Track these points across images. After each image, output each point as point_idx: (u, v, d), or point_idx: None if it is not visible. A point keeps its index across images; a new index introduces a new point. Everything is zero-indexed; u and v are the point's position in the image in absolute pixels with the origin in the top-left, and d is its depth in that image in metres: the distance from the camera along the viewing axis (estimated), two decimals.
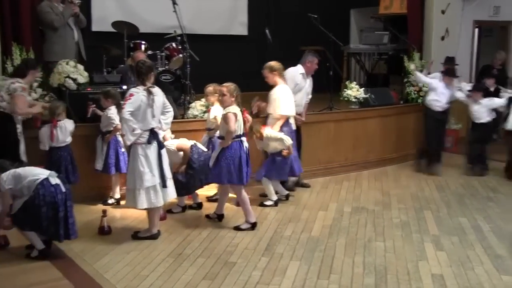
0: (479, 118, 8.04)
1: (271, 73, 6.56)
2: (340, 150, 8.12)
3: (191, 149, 5.97)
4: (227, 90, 5.54)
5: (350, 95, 8.40)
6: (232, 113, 5.47)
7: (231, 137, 5.48)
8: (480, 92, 8.09)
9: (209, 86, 6.47)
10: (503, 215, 6.22)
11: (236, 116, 5.49)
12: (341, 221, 6.00)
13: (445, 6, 9.73)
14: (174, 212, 6.16)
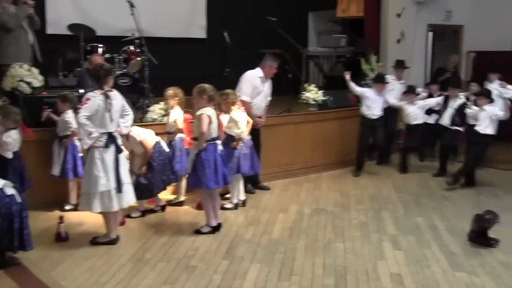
0: (415, 119, 8.32)
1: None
2: (299, 152, 8.18)
3: (154, 146, 5.93)
4: (199, 91, 5.51)
5: (309, 97, 8.48)
6: (206, 115, 5.45)
7: (204, 138, 5.46)
8: (413, 93, 8.38)
9: (168, 90, 6.43)
10: (458, 213, 6.39)
11: (210, 118, 5.48)
12: (301, 223, 6.05)
13: (400, 10, 9.93)
14: (133, 216, 6.10)
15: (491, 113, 7.32)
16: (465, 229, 5.61)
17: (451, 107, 7.97)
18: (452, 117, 7.93)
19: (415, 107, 8.34)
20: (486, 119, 7.31)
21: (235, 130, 6.22)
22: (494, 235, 5.40)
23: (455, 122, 7.89)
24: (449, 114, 7.99)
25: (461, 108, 7.80)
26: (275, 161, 7.86)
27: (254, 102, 6.92)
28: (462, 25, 11.24)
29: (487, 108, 7.34)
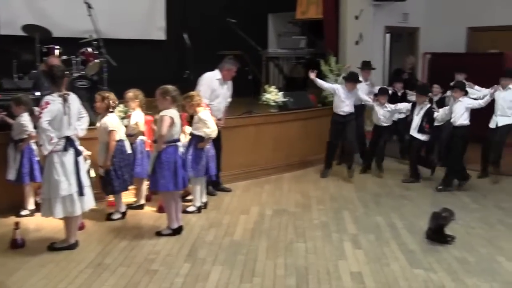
0: (385, 121, 8.32)
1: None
2: (260, 154, 8.21)
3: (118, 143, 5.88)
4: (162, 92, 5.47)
5: (269, 99, 8.51)
6: (169, 116, 5.41)
7: (162, 140, 5.42)
8: (385, 95, 8.34)
9: (129, 92, 6.36)
10: (415, 212, 6.51)
11: (173, 120, 5.44)
12: (262, 224, 6.06)
13: (358, 12, 10.08)
14: (114, 219, 6.05)
15: (466, 103, 7.37)
16: (423, 227, 5.73)
17: (418, 115, 7.82)
18: (420, 125, 7.79)
19: (386, 109, 8.27)
20: (461, 109, 7.36)
21: (204, 130, 6.18)
22: (450, 232, 5.53)
23: (424, 129, 7.78)
24: (416, 122, 7.83)
25: (428, 114, 7.77)
26: (236, 162, 7.86)
27: (213, 104, 6.90)
28: (418, 27, 11.50)
29: (463, 99, 7.41)
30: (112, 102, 5.92)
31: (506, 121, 7.95)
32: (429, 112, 7.78)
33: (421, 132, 7.81)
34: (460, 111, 7.40)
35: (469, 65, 10.12)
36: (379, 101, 8.31)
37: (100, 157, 5.91)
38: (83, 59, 8.28)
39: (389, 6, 10.50)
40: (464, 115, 7.40)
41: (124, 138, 6.03)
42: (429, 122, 7.78)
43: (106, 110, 5.89)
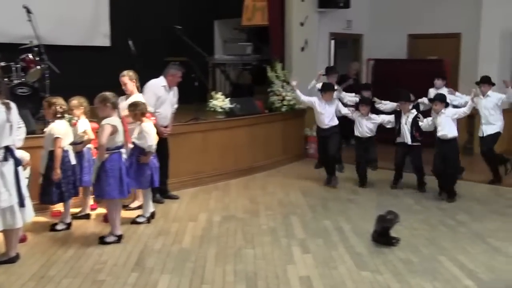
0: (370, 133, 7.96)
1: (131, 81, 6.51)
2: (208, 160, 8.19)
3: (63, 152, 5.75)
4: (101, 100, 5.41)
5: (216, 105, 8.51)
6: (111, 124, 5.32)
7: (103, 150, 5.34)
8: (367, 105, 7.97)
9: (73, 100, 6.23)
10: (362, 215, 6.65)
11: (115, 128, 5.35)
12: (211, 231, 6.05)
13: (304, 19, 10.22)
14: (58, 229, 5.90)
15: (451, 114, 7.22)
16: (369, 229, 5.85)
17: (406, 124, 7.64)
18: (411, 133, 7.61)
19: (372, 122, 7.94)
20: (447, 122, 7.20)
21: (146, 144, 6.08)
22: (395, 234, 5.68)
23: (415, 138, 7.60)
24: (407, 131, 7.64)
25: (416, 122, 7.58)
26: (184, 169, 7.82)
27: (159, 111, 6.85)
28: (362, 34, 11.77)
29: (445, 111, 7.24)
30: (60, 107, 5.79)
31: (490, 130, 7.90)
32: (416, 120, 7.59)
33: (414, 141, 7.62)
34: (447, 124, 7.19)
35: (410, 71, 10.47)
36: (361, 112, 7.94)
37: (42, 165, 5.76)
38: (23, 66, 8.03)
39: (333, 13, 10.71)
40: (452, 127, 7.21)
41: (68, 148, 5.89)
42: (418, 130, 7.58)
43: (54, 117, 5.77)
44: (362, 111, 7.95)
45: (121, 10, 10.81)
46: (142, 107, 6.13)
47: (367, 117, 7.94)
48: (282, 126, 9.40)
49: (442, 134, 7.23)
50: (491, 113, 7.88)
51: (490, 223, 6.38)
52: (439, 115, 7.27)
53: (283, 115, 9.39)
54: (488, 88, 7.89)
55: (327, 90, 7.87)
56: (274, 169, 9.14)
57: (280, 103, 9.41)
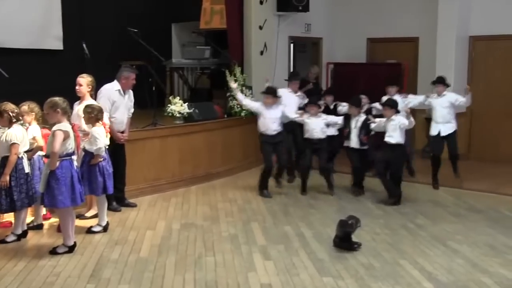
0: (319, 134, 7.99)
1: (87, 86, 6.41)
2: (166, 167, 8.13)
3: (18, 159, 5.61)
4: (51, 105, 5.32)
5: (174, 110, 8.46)
6: (63, 130, 5.22)
7: (56, 157, 5.24)
8: (316, 106, 8.00)
9: (23, 105, 6.09)
10: (323, 220, 6.71)
11: (67, 134, 5.26)
12: (170, 239, 6.01)
13: (263, 22, 10.27)
14: (8, 241, 5.73)
15: (399, 123, 7.36)
16: (331, 235, 5.92)
17: (355, 127, 7.81)
18: (358, 137, 7.77)
19: (319, 121, 7.96)
20: (395, 129, 7.37)
21: (94, 147, 5.98)
22: (356, 239, 5.75)
23: (362, 141, 7.77)
24: (355, 135, 7.81)
25: (365, 125, 7.74)
26: (141, 176, 7.74)
27: (115, 116, 6.76)
28: (321, 38, 11.90)
29: (395, 118, 7.40)
30: (11, 112, 5.65)
31: (450, 129, 8.18)
32: (365, 124, 7.73)
33: (361, 144, 7.79)
34: (394, 131, 7.38)
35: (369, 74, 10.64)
36: (310, 112, 7.95)
37: None
38: None
39: (292, 16, 10.80)
40: (398, 134, 7.37)
41: (24, 156, 5.75)
42: (367, 133, 7.76)
43: (10, 123, 5.62)
44: (312, 111, 7.94)
45: (74, 12, 10.63)
46: (98, 113, 6.01)
47: (316, 116, 7.96)
48: (241, 131, 9.41)
49: (388, 140, 7.45)
50: (447, 111, 8.18)
51: (449, 225, 6.53)
52: (388, 121, 7.46)
53: (243, 120, 9.40)
54: (443, 88, 8.20)
55: (268, 94, 7.81)
56: (234, 175, 9.14)
57: (239, 107, 9.41)
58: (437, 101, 8.23)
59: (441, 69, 10.02)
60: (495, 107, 10.25)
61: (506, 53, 10.13)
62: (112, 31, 10.66)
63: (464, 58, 10.42)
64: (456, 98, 8.17)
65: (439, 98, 8.22)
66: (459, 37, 10.17)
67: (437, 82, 8.25)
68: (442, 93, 8.19)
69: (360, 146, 7.83)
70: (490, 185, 8.41)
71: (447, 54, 10.13)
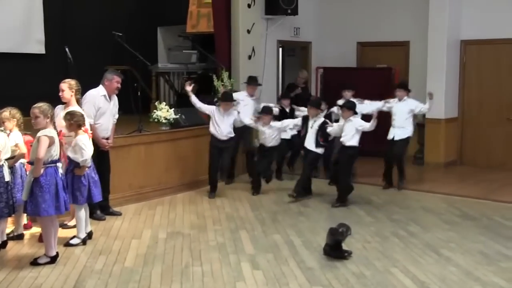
0: (272, 142, 8.35)
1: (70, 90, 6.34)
2: (152, 174, 8.10)
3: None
4: (39, 111, 5.27)
5: (160, 116, 8.44)
6: (48, 136, 5.19)
7: (41, 164, 5.21)
8: (269, 114, 8.30)
9: (4, 111, 6.05)
10: (313, 228, 6.72)
11: (52, 140, 5.21)
12: (156, 248, 5.98)
13: (250, 26, 10.29)
14: None
15: (357, 124, 7.58)
16: (321, 243, 5.92)
17: (312, 128, 7.95)
18: (315, 138, 7.92)
19: (272, 129, 8.30)
20: (351, 130, 7.58)
21: (80, 158, 5.92)
22: (347, 247, 5.75)
23: (319, 143, 7.91)
24: (311, 135, 7.95)
25: (323, 128, 7.89)
26: (126, 184, 7.71)
27: (100, 122, 6.73)
28: (310, 42, 11.93)
29: (353, 119, 7.64)
30: None
31: (403, 134, 8.41)
32: (323, 126, 7.92)
33: (317, 146, 7.95)
34: (350, 132, 7.61)
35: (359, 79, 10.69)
36: (263, 121, 8.29)
37: None
38: None
39: (281, 20, 10.82)
40: (354, 136, 7.61)
41: (4, 164, 5.70)
42: (323, 135, 7.92)
43: None
44: (265, 120, 8.27)
45: (57, 15, 10.59)
46: (79, 118, 5.95)
47: (269, 125, 8.28)
48: None
49: (343, 140, 7.68)
50: (405, 117, 8.42)
51: (442, 233, 6.55)
52: (346, 121, 7.68)
53: None
54: (404, 93, 8.48)
55: (226, 100, 8.15)
56: (222, 182, 9.11)
57: None
58: (397, 106, 8.48)
59: (432, 73, 10.11)
60: (487, 112, 10.32)
61: (497, 58, 10.21)
62: (96, 35, 10.62)
63: (455, 62, 10.49)
64: (417, 105, 8.46)
65: (399, 103, 8.46)
66: (450, 41, 10.24)
67: (398, 87, 8.51)
68: (403, 98, 8.42)
69: (315, 148, 7.96)
70: (483, 192, 8.46)
71: (438, 59, 10.20)
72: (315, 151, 7.99)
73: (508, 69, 10.09)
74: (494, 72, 10.26)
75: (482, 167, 10.08)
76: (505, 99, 10.15)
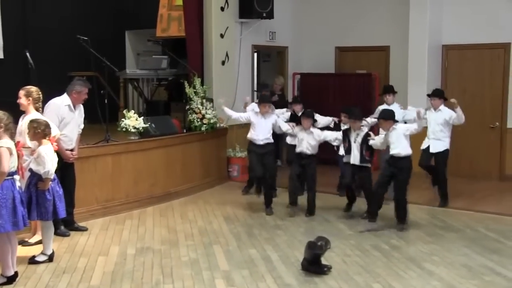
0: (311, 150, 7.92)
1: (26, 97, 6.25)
2: (120, 186, 8.05)
3: None
4: None
5: (129, 125, 8.40)
6: (6, 147, 5.12)
7: (3, 178, 5.14)
8: (310, 118, 7.89)
9: None
10: (290, 242, 6.73)
11: (11, 151, 5.17)
12: (124, 265, 5.93)
13: (224, 30, 10.32)
14: None
15: (403, 130, 7.25)
16: (299, 257, 5.94)
17: (355, 143, 7.62)
18: (360, 153, 7.57)
19: (314, 137, 7.87)
20: (399, 139, 7.22)
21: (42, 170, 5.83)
22: (326, 262, 5.78)
23: (364, 158, 7.56)
24: (356, 150, 7.62)
25: (366, 141, 7.53)
26: (92, 197, 7.65)
27: (64, 133, 6.66)
28: (287, 46, 12.00)
29: (397, 127, 7.27)
30: None
31: (440, 147, 8.27)
32: (366, 139, 7.54)
33: (364, 162, 7.58)
34: (399, 140, 7.21)
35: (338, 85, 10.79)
36: (303, 126, 7.90)
37: None
38: None
39: (256, 23, 10.87)
40: (404, 144, 7.23)
41: None
42: (368, 149, 7.54)
43: None
44: (305, 125, 7.88)
45: (17, 17, 10.47)
46: (45, 128, 5.85)
47: (309, 131, 7.88)
48: (202, 147, 9.39)
49: (396, 152, 7.22)
50: (440, 129, 8.27)
51: (425, 246, 6.62)
52: (390, 131, 7.26)
53: (203, 135, 9.39)
54: (439, 102, 8.27)
55: (261, 101, 8.11)
56: (194, 194, 9.09)
57: (199, 122, 9.40)
58: (431, 115, 8.34)
59: (414, 79, 10.26)
60: (470, 120, 10.34)
61: (479, 63, 10.39)
62: (59, 39, 10.53)
63: (437, 68, 10.65)
64: (451, 115, 8.18)
65: (434, 112, 8.32)
66: (432, 46, 10.40)
67: (433, 95, 8.35)
68: (438, 108, 8.26)
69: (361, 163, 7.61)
70: (466, 203, 8.59)
71: (420, 64, 10.35)
72: (363, 166, 7.59)
73: (490, 74, 10.29)
74: (476, 78, 10.43)
75: (465, 177, 10.21)
76: (488, 106, 10.34)
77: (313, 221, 7.71)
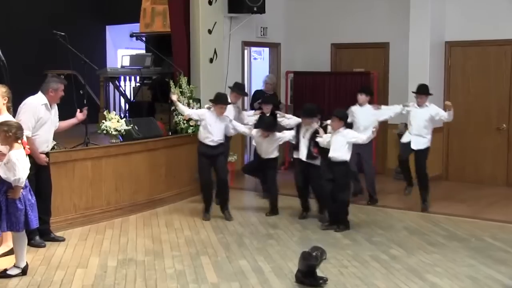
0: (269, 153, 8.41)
1: None
2: (100, 193, 8.04)
3: None
4: None
5: (110, 127, 8.37)
6: None
7: None
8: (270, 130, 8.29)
9: None
10: (283, 252, 6.73)
11: None
12: (105, 278, 5.91)
13: (212, 25, 10.32)
14: None
15: (349, 136, 7.49)
16: (292, 269, 5.94)
17: (304, 138, 7.94)
18: (308, 149, 7.88)
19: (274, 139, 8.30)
20: (342, 144, 7.45)
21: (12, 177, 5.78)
22: (322, 273, 5.78)
23: (312, 154, 7.85)
24: (304, 146, 7.93)
25: (314, 137, 7.81)
26: (70, 205, 7.63)
27: (38, 134, 6.64)
28: (279, 43, 12.02)
29: (343, 131, 7.51)
30: None
31: (422, 144, 8.44)
32: (315, 136, 7.82)
33: (310, 158, 7.90)
34: (340, 145, 7.47)
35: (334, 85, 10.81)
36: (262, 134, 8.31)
37: None
38: None
39: (246, 19, 10.88)
40: (344, 150, 7.48)
41: None
42: (316, 145, 7.82)
43: None
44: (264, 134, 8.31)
45: None
46: (17, 131, 5.81)
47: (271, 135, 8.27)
48: (188, 151, 9.36)
49: (332, 155, 7.51)
50: (424, 125, 8.46)
51: (427, 256, 6.64)
52: (334, 133, 7.57)
53: (190, 138, 9.37)
54: (425, 98, 8.48)
55: (218, 102, 8.06)
56: (181, 201, 9.09)
57: (186, 123, 9.39)
58: (416, 111, 8.50)
59: (414, 78, 10.24)
60: (475, 121, 10.52)
61: (485, 60, 10.44)
62: (34, 34, 10.52)
63: (439, 66, 10.70)
64: (437, 112, 8.42)
65: (419, 108, 8.49)
66: (434, 43, 10.44)
67: (418, 92, 8.50)
68: (424, 104, 8.45)
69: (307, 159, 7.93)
70: (471, 210, 8.63)
71: (421, 61, 10.36)
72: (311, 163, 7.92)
73: (496, 72, 10.33)
74: (482, 76, 10.48)
75: (469, 182, 10.26)
76: (494, 106, 10.39)
77: (307, 229, 7.72)
